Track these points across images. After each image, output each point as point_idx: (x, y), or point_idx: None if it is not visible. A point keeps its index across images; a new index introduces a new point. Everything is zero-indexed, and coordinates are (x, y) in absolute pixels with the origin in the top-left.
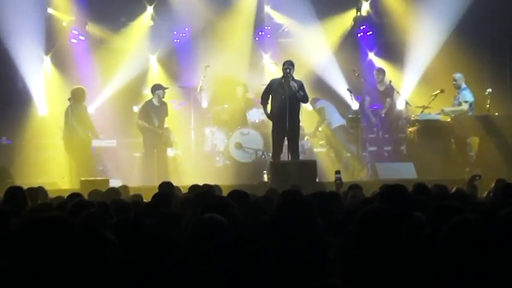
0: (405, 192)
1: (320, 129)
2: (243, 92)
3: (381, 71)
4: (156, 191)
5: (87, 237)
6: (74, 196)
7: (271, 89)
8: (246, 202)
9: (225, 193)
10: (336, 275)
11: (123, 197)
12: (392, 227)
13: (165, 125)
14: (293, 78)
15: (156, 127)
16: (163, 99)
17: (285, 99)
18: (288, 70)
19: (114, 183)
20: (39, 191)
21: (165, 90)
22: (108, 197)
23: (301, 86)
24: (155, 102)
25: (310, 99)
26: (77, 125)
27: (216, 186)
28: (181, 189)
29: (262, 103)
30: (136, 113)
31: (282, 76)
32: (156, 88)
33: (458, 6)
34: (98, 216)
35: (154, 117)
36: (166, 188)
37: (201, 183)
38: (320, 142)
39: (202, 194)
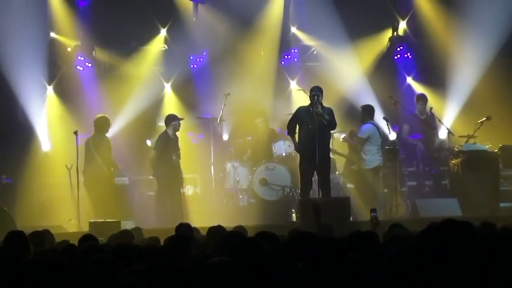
0: (457, 230)
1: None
2: (264, 123)
3: (422, 98)
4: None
5: (90, 285)
6: (86, 239)
7: (298, 117)
8: (275, 245)
9: (250, 235)
10: None
11: (136, 240)
12: (425, 272)
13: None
14: (322, 105)
15: (175, 162)
16: (177, 132)
17: (313, 128)
18: (316, 97)
19: (127, 225)
20: (46, 235)
21: (180, 122)
22: (121, 240)
23: (329, 113)
24: (171, 134)
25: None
26: (99, 158)
27: (241, 227)
28: (200, 231)
29: (289, 133)
30: (152, 146)
31: (310, 103)
32: (172, 119)
33: (505, 24)
34: (109, 262)
35: (172, 151)
36: (185, 230)
37: (223, 224)
38: (348, 185)
39: (229, 235)
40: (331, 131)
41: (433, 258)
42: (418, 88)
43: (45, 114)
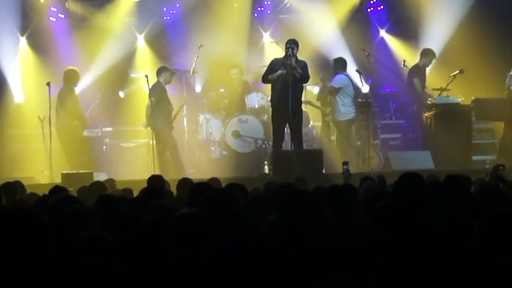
0: (421, 181)
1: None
2: (239, 74)
3: (433, 53)
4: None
5: (62, 237)
6: (57, 191)
7: (274, 69)
8: (244, 197)
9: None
10: (345, 274)
11: (109, 192)
12: (408, 224)
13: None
14: (296, 58)
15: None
16: (166, 86)
17: (287, 81)
18: (290, 49)
19: (99, 176)
20: (17, 186)
21: (172, 75)
22: (93, 192)
23: (303, 67)
24: (163, 85)
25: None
26: (61, 111)
27: (214, 180)
28: (170, 183)
29: (263, 82)
30: (150, 94)
31: (284, 55)
32: (162, 70)
33: None
34: (83, 213)
35: (168, 101)
36: (156, 182)
37: (195, 176)
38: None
39: (201, 186)
40: (304, 84)
41: (414, 210)
42: (391, 41)
43: (17, 66)
